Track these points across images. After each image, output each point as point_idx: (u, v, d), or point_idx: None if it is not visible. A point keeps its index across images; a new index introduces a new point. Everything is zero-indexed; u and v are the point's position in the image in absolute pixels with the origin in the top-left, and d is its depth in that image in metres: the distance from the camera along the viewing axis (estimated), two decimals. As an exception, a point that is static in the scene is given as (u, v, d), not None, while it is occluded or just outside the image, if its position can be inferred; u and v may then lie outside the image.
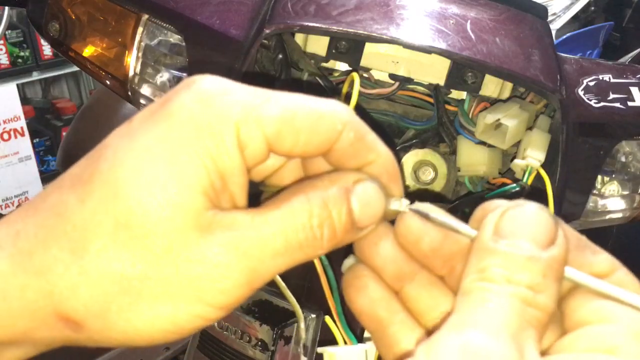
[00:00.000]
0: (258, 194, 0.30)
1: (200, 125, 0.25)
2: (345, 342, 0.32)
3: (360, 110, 0.29)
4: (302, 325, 0.60)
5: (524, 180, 0.61)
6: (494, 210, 0.26)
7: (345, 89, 0.59)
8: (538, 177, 0.61)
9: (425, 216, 0.28)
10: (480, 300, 0.24)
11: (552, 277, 0.24)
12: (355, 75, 0.55)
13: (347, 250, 0.29)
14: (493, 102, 0.66)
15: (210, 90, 0.26)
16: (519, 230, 0.25)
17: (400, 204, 0.29)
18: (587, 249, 0.27)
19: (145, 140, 0.25)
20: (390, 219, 0.29)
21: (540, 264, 0.24)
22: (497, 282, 0.24)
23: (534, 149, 0.62)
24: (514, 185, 0.61)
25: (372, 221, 0.28)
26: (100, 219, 0.25)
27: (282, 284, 0.47)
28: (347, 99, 0.55)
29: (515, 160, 0.63)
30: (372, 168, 0.29)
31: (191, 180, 0.25)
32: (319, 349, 0.32)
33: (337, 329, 0.32)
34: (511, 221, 0.25)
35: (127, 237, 0.24)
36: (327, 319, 0.32)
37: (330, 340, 0.72)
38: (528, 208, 0.25)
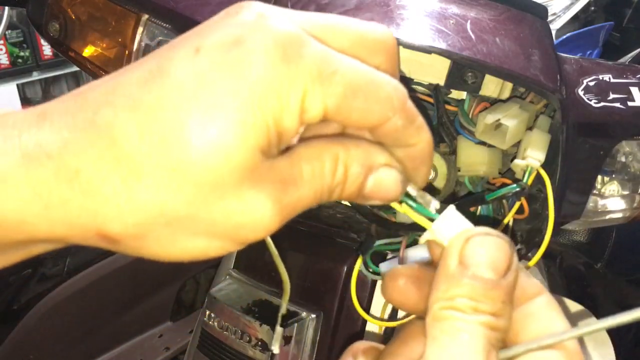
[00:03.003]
0: None
1: (271, 84, 0.25)
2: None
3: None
4: (287, 297, 0.60)
5: (524, 180, 0.61)
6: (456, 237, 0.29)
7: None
8: (538, 177, 0.61)
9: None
10: (453, 330, 0.27)
11: (508, 301, 0.28)
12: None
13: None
14: (493, 102, 0.66)
15: (288, 37, 0.26)
16: (482, 259, 0.28)
17: (430, 204, 0.32)
18: (523, 271, 0.30)
19: (217, 87, 0.25)
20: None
21: (500, 291, 0.28)
22: (465, 311, 0.27)
23: (534, 149, 0.62)
24: (514, 185, 0.61)
25: (380, 201, 0.30)
26: (158, 160, 0.25)
27: (277, 259, 0.47)
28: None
29: (515, 160, 0.63)
30: (410, 150, 0.30)
31: (252, 140, 0.25)
32: (381, 265, 0.33)
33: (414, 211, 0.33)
34: (474, 249, 0.28)
35: (183, 181, 0.25)
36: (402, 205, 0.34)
37: (333, 342, 0.72)
38: (489, 237, 0.29)
